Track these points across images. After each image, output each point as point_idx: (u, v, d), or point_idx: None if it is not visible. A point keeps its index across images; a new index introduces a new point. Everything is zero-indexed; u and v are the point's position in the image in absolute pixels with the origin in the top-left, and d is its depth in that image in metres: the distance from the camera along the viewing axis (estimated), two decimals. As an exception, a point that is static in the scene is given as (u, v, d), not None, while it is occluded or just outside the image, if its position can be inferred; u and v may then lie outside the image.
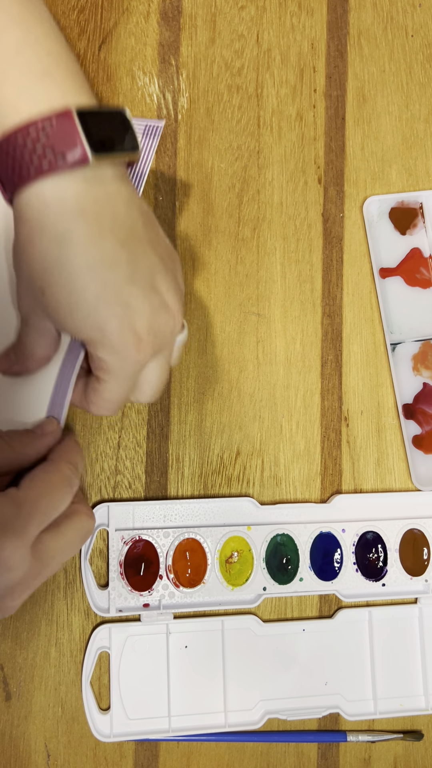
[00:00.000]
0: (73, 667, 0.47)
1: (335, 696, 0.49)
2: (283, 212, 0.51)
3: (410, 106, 0.53)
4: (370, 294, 0.52)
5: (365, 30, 0.53)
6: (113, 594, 0.47)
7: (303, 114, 0.52)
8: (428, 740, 0.51)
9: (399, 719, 0.51)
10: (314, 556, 0.49)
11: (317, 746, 0.50)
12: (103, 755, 0.47)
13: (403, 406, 0.51)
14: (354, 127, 0.52)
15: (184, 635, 0.48)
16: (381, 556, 0.50)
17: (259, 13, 0.51)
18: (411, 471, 0.51)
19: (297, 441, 0.51)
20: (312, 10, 0.52)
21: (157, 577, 0.47)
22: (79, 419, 0.48)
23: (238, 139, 0.51)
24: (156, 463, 0.49)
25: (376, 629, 0.50)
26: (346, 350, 0.52)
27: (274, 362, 0.51)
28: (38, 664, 0.47)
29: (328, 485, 0.51)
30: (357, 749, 0.50)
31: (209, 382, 0.50)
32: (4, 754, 0.47)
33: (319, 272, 0.52)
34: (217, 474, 0.50)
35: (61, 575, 0.48)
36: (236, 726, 0.48)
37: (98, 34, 0.50)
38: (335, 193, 0.52)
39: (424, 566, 0.50)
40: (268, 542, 0.49)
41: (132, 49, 0.50)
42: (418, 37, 0.53)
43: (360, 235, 0.52)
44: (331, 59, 0.52)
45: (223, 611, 0.49)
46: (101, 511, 0.47)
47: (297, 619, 0.50)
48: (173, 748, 0.48)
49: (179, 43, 0.51)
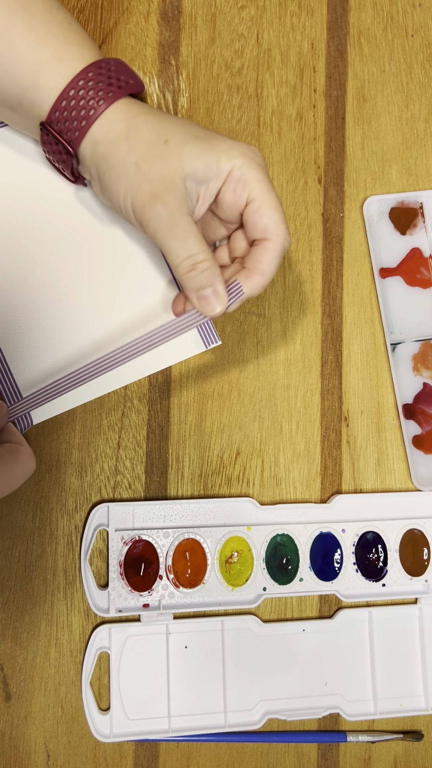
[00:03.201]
0: (73, 667, 0.47)
1: (335, 696, 0.49)
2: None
3: (410, 106, 0.53)
4: (370, 294, 0.52)
5: (365, 30, 0.53)
6: (113, 594, 0.47)
7: (303, 114, 0.52)
8: (428, 740, 0.51)
9: (399, 719, 0.51)
10: (314, 556, 0.49)
11: (317, 746, 0.50)
12: (103, 755, 0.47)
13: (403, 406, 0.51)
14: (354, 127, 0.52)
15: (184, 635, 0.48)
16: (381, 556, 0.50)
17: (259, 13, 0.51)
18: (411, 471, 0.51)
19: (297, 441, 0.51)
20: (312, 10, 0.52)
21: (157, 578, 0.47)
22: (79, 419, 0.48)
23: (238, 139, 0.51)
24: (156, 463, 0.49)
25: (376, 629, 0.50)
26: (346, 350, 0.52)
27: (274, 362, 0.51)
28: (38, 665, 0.47)
29: (328, 485, 0.51)
30: (357, 749, 0.50)
31: (209, 382, 0.50)
32: (4, 754, 0.47)
33: (319, 272, 0.52)
34: (217, 474, 0.50)
35: (61, 575, 0.48)
36: (236, 726, 0.48)
37: (98, 34, 0.50)
38: (335, 193, 0.52)
39: (424, 566, 0.50)
40: (268, 542, 0.49)
41: (132, 49, 0.50)
42: (418, 37, 0.53)
43: (360, 235, 0.52)
44: (331, 59, 0.52)
45: (223, 611, 0.49)
46: (101, 511, 0.47)
47: (297, 619, 0.50)
48: (173, 749, 0.48)
49: (179, 43, 0.51)
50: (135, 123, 0.40)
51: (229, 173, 0.40)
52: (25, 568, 0.47)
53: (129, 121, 0.40)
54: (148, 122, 0.40)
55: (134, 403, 0.49)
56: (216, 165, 0.40)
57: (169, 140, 0.40)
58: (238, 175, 0.40)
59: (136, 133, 0.40)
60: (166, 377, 0.49)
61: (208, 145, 0.40)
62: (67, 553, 0.48)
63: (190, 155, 0.39)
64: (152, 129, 0.40)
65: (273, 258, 0.42)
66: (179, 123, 0.41)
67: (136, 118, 0.40)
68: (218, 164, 0.40)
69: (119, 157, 0.40)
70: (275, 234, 0.41)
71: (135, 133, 0.40)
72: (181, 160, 0.39)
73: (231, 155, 0.40)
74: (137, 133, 0.40)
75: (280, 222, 0.41)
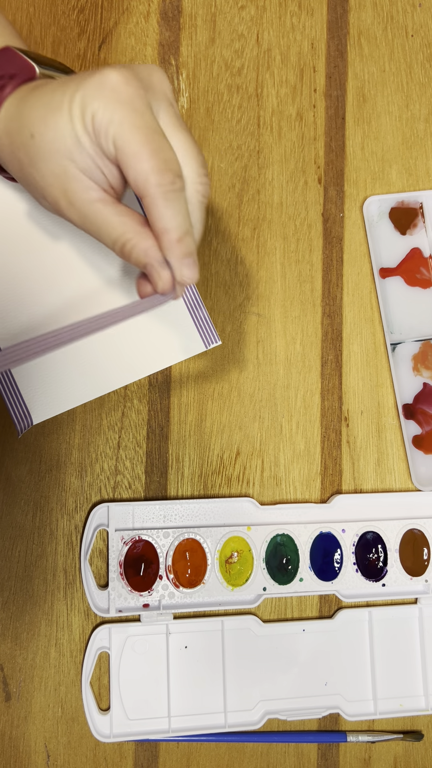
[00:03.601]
0: (73, 667, 0.47)
1: (335, 696, 0.49)
2: (283, 212, 0.51)
3: (410, 106, 0.53)
4: (370, 294, 0.52)
5: (365, 30, 0.53)
6: (113, 594, 0.47)
7: (303, 114, 0.52)
8: (428, 740, 0.51)
9: (399, 719, 0.51)
10: (314, 556, 0.49)
11: (317, 746, 0.50)
12: (103, 756, 0.47)
13: (403, 406, 0.51)
14: (354, 127, 0.52)
15: (184, 635, 0.48)
16: (381, 556, 0.50)
17: (259, 13, 0.51)
18: (411, 471, 0.51)
19: (297, 441, 0.51)
20: (312, 10, 0.52)
21: (157, 578, 0.47)
22: (79, 419, 0.48)
23: (238, 139, 0.51)
24: (156, 463, 0.49)
25: (376, 629, 0.50)
26: (346, 350, 0.52)
27: (274, 362, 0.51)
28: (38, 665, 0.47)
29: (328, 485, 0.51)
30: (357, 749, 0.50)
31: (209, 382, 0.50)
32: (4, 754, 0.47)
33: (319, 272, 0.52)
34: (217, 474, 0.50)
35: (61, 575, 0.48)
36: (236, 726, 0.48)
37: (98, 34, 0.50)
38: (335, 193, 0.52)
39: (424, 566, 0.50)
40: (268, 542, 0.49)
41: (132, 49, 0.50)
42: (418, 37, 0.53)
43: (360, 235, 0.52)
44: (331, 59, 0.52)
45: (223, 611, 0.49)
46: (101, 511, 0.47)
47: (297, 619, 0.50)
48: (173, 749, 0.48)
49: (179, 43, 0.51)
50: (8, 120, 0.36)
51: (92, 127, 0.33)
52: (25, 568, 0.47)
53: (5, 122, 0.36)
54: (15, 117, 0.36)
55: (134, 403, 0.49)
56: (71, 130, 0.34)
57: (34, 134, 0.35)
58: (98, 123, 0.33)
59: (9, 134, 0.36)
60: (166, 377, 0.49)
61: (57, 110, 0.34)
62: (67, 553, 0.48)
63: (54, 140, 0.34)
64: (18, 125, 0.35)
65: (162, 211, 0.34)
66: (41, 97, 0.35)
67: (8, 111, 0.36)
68: (73, 127, 0.33)
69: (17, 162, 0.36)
70: (145, 186, 0.34)
71: (9, 136, 0.36)
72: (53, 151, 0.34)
73: (84, 102, 0.33)
74: (10, 132, 0.36)
75: (151, 170, 0.33)
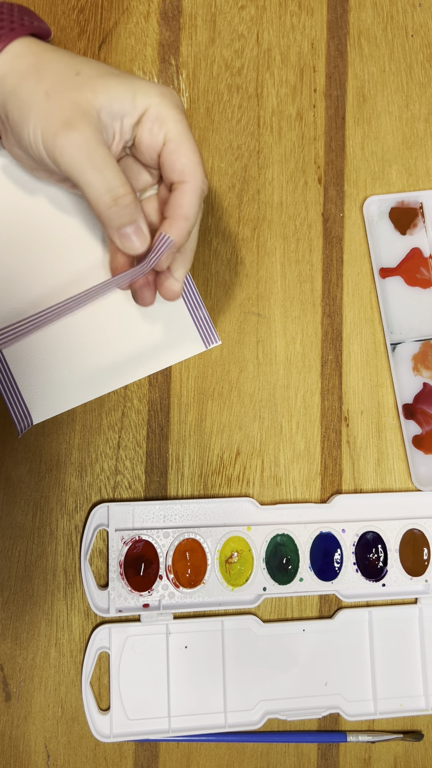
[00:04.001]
0: (73, 667, 0.47)
1: (335, 696, 0.49)
2: (283, 212, 0.51)
3: (410, 106, 0.53)
4: (370, 294, 0.52)
5: (365, 30, 0.53)
6: (113, 594, 0.47)
7: (303, 114, 0.52)
8: (428, 740, 0.51)
9: (399, 719, 0.51)
10: (314, 556, 0.49)
11: (317, 746, 0.50)
12: (103, 755, 0.47)
13: (403, 406, 0.51)
14: (354, 126, 0.52)
15: (184, 635, 0.48)
16: (381, 556, 0.50)
17: (259, 13, 0.51)
18: (411, 471, 0.51)
19: (297, 441, 0.51)
20: (312, 10, 0.52)
21: (157, 578, 0.47)
22: (79, 419, 0.48)
23: (238, 139, 0.51)
24: (156, 463, 0.49)
25: (376, 629, 0.50)
26: (346, 350, 0.52)
27: (274, 362, 0.51)
28: (38, 665, 0.47)
29: (328, 485, 0.51)
30: (357, 749, 0.50)
31: (209, 382, 0.50)
32: (4, 754, 0.47)
33: (319, 272, 0.52)
34: (217, 474, 0.50)
35: (61, 575, 0.48)
36: (236, 726, 0.48)
37: (98, 34, 0.50)
38: (335, 193, 0.52)
39: (424, 566, 0.50)
40: (268, 542, 0.49)
41: (132, 49, 0.50)
42: (418, 37, 0.53)
43: (360, 235, 0.52)
44: (331, 59, 0.52)
45: (223, 611, 0.49)
46: (101, 511, 0.47)
47: (297, 619, 0.50)
48: (173, 749, 0.48)
49: (179, 43, 0.51)
50: (44, 57, 0.38)
51: (145, 111, 0.39)
52: (25, 568, 0.47)
53: (38, 55, 0.38)
54: (59, 57, 0.39)
55: (134, 403, 0.49)
56: (131, 100, 0.38)
57: (81, 72, 0.38)
58: (154, 113, 0.39)
59: (45, 65, 0.38)
60: (166, 377, 0.49)
61: (123, 80, 0.38)
62: (67, 553, 0.48)
63: (104, 87, 0.38)
64: (63, 62, 0.38)
65: (192, 201, 0.40)
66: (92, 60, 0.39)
67: (45, 53, 0.39)
68: (134, 99, 0.38)
69: (28, 88, 0.37)
70: (192, 175, 0.39)
71: (45, 65, 0.38)
72: (94, 90, 0.38)
73: (148, 93, 0.38)
74: (47, 65, 0.38)
75: (198, 163, 0.39)
